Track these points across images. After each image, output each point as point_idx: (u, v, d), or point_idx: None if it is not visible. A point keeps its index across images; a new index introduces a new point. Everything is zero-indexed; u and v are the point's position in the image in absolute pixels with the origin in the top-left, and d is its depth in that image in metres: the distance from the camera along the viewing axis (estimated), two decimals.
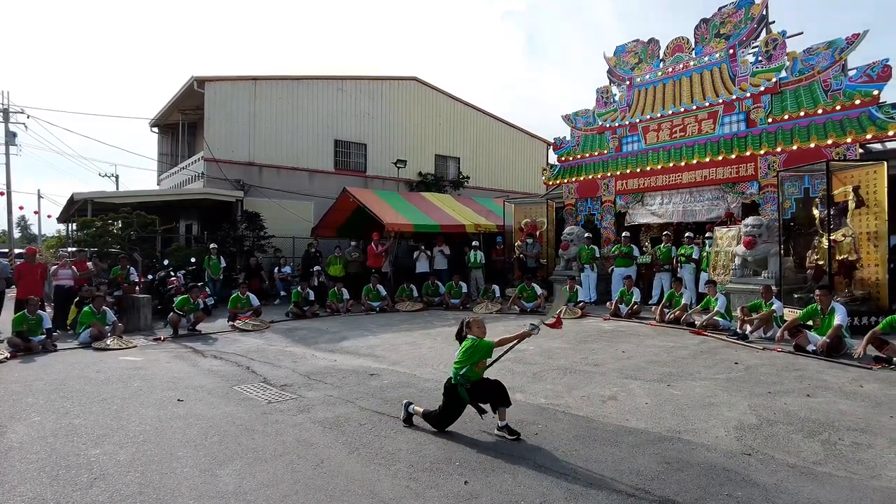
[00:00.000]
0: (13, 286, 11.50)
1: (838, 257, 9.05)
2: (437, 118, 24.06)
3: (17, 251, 25.06)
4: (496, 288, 13.88)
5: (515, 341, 4.53)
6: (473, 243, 15.44)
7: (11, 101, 28.46)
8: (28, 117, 28.44)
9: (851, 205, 9.24)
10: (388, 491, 3.40)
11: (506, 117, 29.03)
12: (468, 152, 24.97)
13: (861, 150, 10.24)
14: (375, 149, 21.96)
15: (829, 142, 10.51)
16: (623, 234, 13.45)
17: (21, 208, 33.62)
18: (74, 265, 11.62)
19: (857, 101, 10.32)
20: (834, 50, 10.67)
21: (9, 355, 7.94)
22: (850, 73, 10.58)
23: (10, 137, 28.55)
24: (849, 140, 10.28)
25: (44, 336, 8.69)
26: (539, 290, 12.74)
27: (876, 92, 10.16)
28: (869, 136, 10.11)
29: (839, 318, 7.08)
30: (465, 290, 14.06)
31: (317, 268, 15.09)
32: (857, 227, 9.18)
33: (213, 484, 3.53)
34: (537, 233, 15.36)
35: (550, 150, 23.28)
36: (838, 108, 10.56)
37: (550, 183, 16.39)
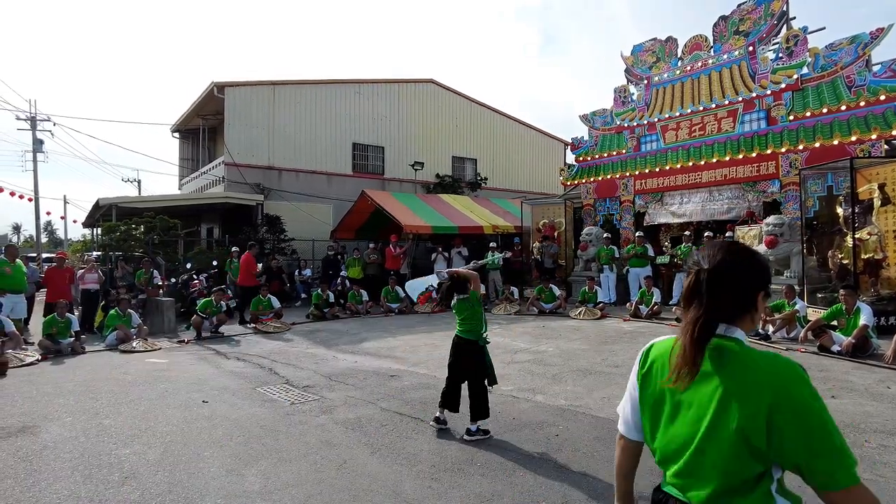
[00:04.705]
0: (42, 290, 11.82)
1: (863, 256, 8.88)
2: (454, 119, 24.09)
3: (44, 255, 25.70)
4: (514, 289, 13.87)
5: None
6: (491, 244, 15.44)
7: (38, 109, 29.20)
8: (54, 125, 29.24)
9: (877, 202, 9.06)
10: (410, 491, 3.45)
11: (523, 117, 28.97)
12: (485, 153, 24.96)
13: (886, 147, 10.02)
14: (393, 151, 22.08)
15: (853, 138, 10.30)
16: (637, 233, 13.36)
17: (48, 213, 34.41)
18: (242, 265, 12.17)
19: (882, 97, 10.11)
20: (857, 45, 10.47)
21: (40, 357, 8.19)
22: (875, 69, 10.37)
23: (38, 145, 29.27)
24: (873, 136, 10.07)
25: (72, 338, 8.92)
26: (558, 291, 12.71)
27: None
28: (895, 132, 9.90)
29: (865, 317, 6.96)
30: (483, 290, 14.06)
31: (341, 273, 15.12)
32: (883, 224, 8.99)
33: (239, 484, 3.61)
34: (555, 234, 15.30)
35: (568, 150, 23.16)
36: (862, 104, 10.36)
37: (568, 183, 16.29)
